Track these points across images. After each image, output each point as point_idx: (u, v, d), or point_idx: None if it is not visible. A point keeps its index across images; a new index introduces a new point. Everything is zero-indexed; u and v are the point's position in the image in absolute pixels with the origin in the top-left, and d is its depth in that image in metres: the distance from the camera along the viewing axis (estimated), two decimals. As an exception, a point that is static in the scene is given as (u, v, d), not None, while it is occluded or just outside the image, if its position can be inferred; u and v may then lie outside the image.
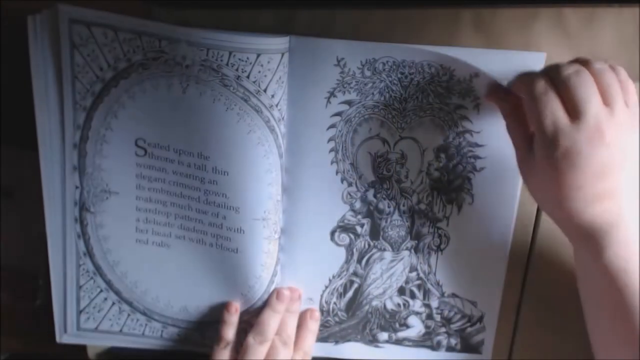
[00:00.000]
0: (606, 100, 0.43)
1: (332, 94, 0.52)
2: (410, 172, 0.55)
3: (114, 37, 0.50)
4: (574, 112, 0.42)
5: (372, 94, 0.52)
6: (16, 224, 0.65)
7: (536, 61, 0.50)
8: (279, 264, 0.57)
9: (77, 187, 0.56)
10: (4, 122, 0.62)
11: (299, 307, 0.58)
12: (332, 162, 0.54)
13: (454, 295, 0.58)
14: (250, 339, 0.55)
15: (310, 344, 0.58)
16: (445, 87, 0.51)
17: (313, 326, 0.58)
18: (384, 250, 0.57)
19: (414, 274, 0.58)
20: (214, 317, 0.58)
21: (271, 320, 0.56)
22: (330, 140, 0.53)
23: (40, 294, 0.66)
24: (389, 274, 0.58)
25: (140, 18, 0.50)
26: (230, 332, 0.57)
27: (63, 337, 0.61)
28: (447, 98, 0.52)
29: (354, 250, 0.57)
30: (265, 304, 0.57)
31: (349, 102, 0.52)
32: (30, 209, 0.60)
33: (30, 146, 0.54)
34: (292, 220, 0.56)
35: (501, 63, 0.50)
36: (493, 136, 0.53)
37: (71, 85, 0.53)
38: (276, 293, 0.57)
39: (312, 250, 0.57)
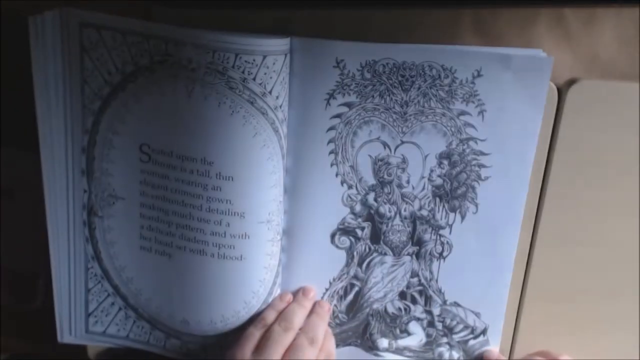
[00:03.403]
0: None
1: (331, 96, 0.52)
2: (412, 177, 0.54)
3: (122, 41, 0.50)
4: None
5: (373, 96, 0.51)
6: (16, 224, 0.65)
7: (537, 59, 0.49)
8: (281, 265, 0.57)
9: (85, 191, 0.56)
10: (3, 123, 0.62)
11: (310, 304, 0.58)
12: (332, 165, 0.54)
13: (456, 304, 0.57)
14: (276, 326, 0.55)
15: (333, 346, 0.58)
16: (447, 90, 0.51)
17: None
18: (385, 254, 0.56)
19: (415, 280, 0.57)
20: (214, 332, 0.58)
21: (298, 311, 0.56)
22: (330, 142, 0.53)
23: (40, 294, 0.66)
24: (390, 278, 0.57)
25: (146, 20, 0.50)
26: (272, 315, 0.56)
27: (70, 339, 0.60)
28: (449, 103, 0.51)
29: (355, 253, 0.56)
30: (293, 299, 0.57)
31: (348, 104, 0.52)
32: (31, 210, 0.60)
33: (31, 147, 0.54)
34: (293, 221, 0.56)
35: (502, 61, 0.49)
36: (499, 145, 0.52)
37: (80, 88, 0.53)
38: (303, 290, 0.57)
39: (313, 252, 0.57)
